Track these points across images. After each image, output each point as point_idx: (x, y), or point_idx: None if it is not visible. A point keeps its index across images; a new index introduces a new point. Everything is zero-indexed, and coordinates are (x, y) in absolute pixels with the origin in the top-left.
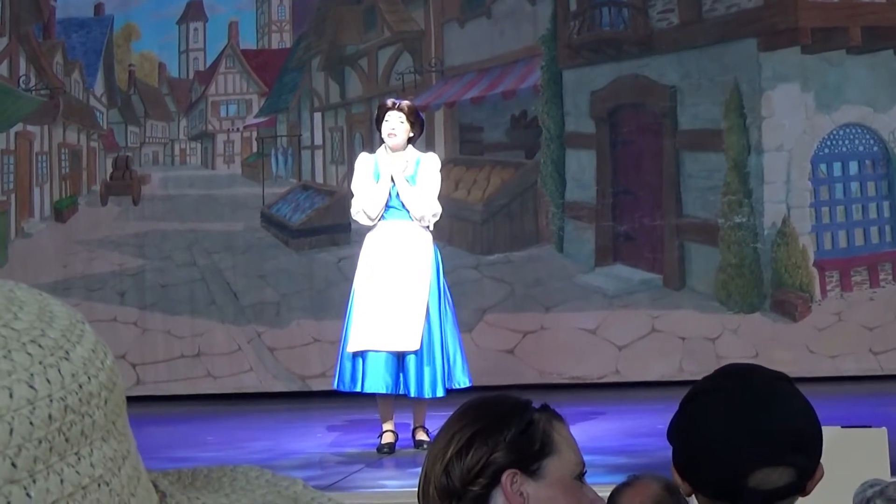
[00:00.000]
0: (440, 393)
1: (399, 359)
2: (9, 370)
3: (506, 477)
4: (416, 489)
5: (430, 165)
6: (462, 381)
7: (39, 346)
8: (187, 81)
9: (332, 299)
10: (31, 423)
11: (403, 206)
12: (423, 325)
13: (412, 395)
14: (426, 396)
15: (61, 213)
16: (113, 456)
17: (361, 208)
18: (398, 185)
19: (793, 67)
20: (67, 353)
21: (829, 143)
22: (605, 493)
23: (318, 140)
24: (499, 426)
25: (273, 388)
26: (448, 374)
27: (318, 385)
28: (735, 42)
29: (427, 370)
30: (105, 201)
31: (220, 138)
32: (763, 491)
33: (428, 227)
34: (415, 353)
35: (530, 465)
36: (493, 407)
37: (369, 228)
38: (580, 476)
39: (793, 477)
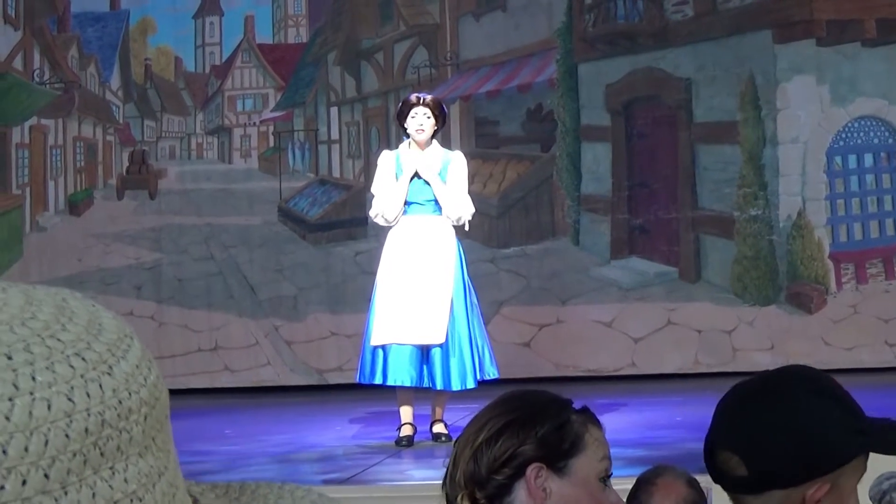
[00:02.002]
0: (470, 384)
1: (423, 352)
2: (50, 382)
3: (531, 470)
4: (443, 475)
5: (459, 166)
6: (491, 371)
7: (83, 359)
8: (203, 76)
9: (349, 293)
10: (66, 436)
11: (427, 200)
12: (447, 319)
13: (438, 387)
14: (454, 389)
15: (76, 206)
16: (149, 472)
17: (380, 211)
18: (434, 187)
19: (808, 59)
20: (111, 367)
21: (844, 135)
22: (620, 485)
23: (335, 134)
24: (533, 420)
25: (290, 381)
26: (479, 366)
27: (335, 378)
28: (750, 34)
29: (454, 362)
30: (121, 195)
31: (237, 132)
32: (725, 473)
33: (464, 226)
34: (440, 346)
35: (557, 462)
36: (530, 400)
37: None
38: (605, 478)
39: (745, 472)
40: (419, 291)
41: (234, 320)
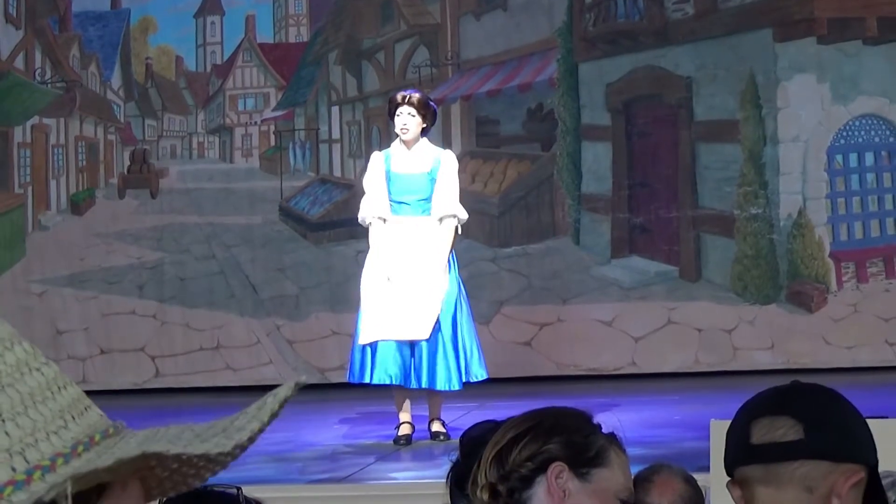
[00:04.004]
0: (456, 386)
1: (411, 350)
2: None
3: (553, 467)
4: (446, 473)
5: (450, 167)
6: (479, 373)
7: None
8: (205, 75)
9: (350, 292)
10: None
11: (417, 200)
12: (435, 316)
13: (424, 386)
14: (439, 389)
15: (78, 205)
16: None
17: (367, 216)
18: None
19: (809, 58)
20: None
21: (845, 133)
22: None
23: (336, 134)
24: (559, 426)
25: (292, 380)
26: (465, 368)
27: (336, 377)
28: (751, 32)
29: (441, 363)
30: (123, 194)
31: (238, 132)
32: (759, 443)
33: (457, 229)
34: (427, 344)
35: (580, 467)
36: (558, 412)
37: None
38: (625, 501)
39: (800, 434)
40: (406, 288)
41: (235, 319)
